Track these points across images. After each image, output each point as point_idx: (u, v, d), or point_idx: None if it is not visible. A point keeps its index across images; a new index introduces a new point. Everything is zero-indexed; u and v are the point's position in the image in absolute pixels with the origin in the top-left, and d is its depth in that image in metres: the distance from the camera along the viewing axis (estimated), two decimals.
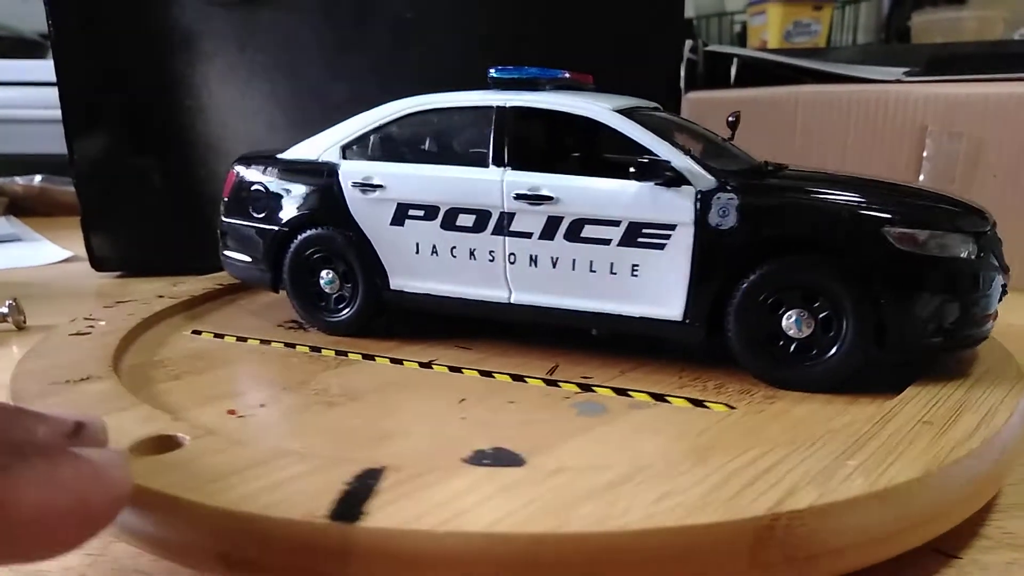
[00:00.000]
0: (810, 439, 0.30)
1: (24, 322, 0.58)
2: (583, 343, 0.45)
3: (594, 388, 0.40)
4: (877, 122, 0.76)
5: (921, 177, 0.75)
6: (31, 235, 0.99)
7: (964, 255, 0.38)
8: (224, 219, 0.52)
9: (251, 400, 0.38)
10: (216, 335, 0.49)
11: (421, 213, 0.45)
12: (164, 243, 0.77)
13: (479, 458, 0.32)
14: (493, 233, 0.43)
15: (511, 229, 0.43)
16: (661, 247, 0.40)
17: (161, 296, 0.54)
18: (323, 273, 0.49)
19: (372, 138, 0.48)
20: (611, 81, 0.48)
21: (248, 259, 0.51)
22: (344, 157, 0.48)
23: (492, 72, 0.45)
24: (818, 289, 0.38)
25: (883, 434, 0.31)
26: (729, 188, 0.39)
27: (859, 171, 0.49)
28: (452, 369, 0.43)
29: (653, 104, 0.48)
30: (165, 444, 0.30)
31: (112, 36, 0.73)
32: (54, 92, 0.73)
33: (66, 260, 0.87)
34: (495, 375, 0.42)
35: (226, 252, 0.53)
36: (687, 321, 0.40)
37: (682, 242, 0.39)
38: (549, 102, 0.44)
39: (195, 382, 0.41)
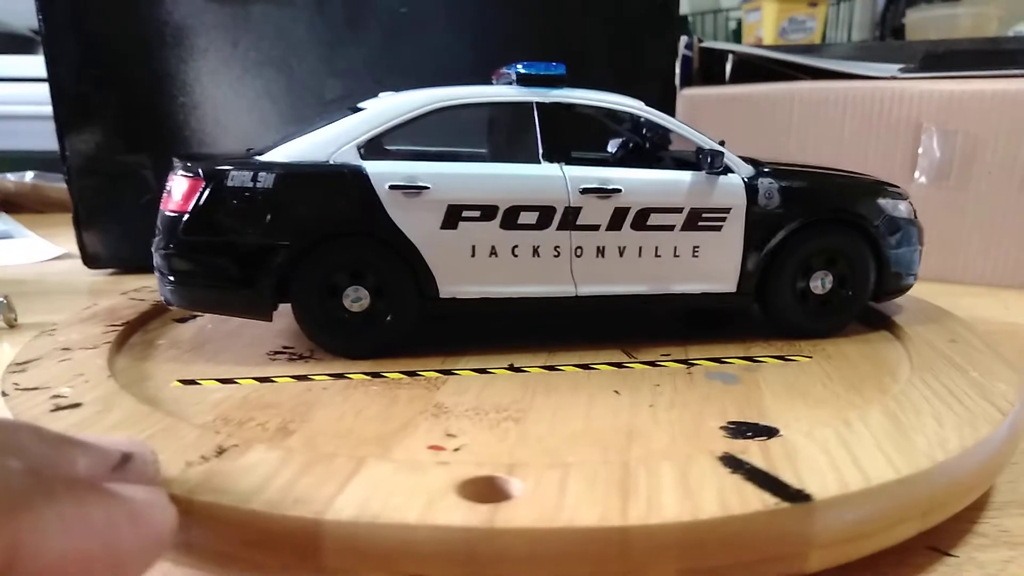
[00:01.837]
0: (919, 368, 0.39)
1: (16, 320, 0.58)
2: (603, 329, 0.48)
3: (692, 362, 0.43)
4: (872, 119, 0.76)
5: (916, 174, 0.75)
6: (23, 232, 0.99)
7: (912, 216, 0.49)
8: (185, 237, 0.41)
9: (427, 435, 0.33)
10: (221, 380, 0.40)
11: (477, 214, 0.42)
12: None
13: (740, 433, 0.34)
14: (559, 228, 0.43)
15: (578, 223, 0.43)
16: (719, 228, 0.45)
17: (67, 349, 0.41)
18: (349, 290, 0.43)
19: (395, 136, 0.45)
20: (606, 77, 0.48)
21: (233, 284, 0.42)
22: (363, 158, 0.43)
23: (519, 68, 0.45)
24: (841, 251, 0.47)
25: (957, 356, 0.40)
26: (766, 174, 0.45)
27: (856, 168, 0.51)
28: (548, 368, 0.42)
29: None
30: (491, 488, 0.26)
31: (103, 31, 0.72)
32: (46, 88, 0.72)
33: (58, 257, 0.86)
34: (594, 367, 0.42)
35: (186, 280, 0.42)
36: (739, 292, 0.46)
37: (736, 223, 0.45)
38: (590, 98, 0.45)
39: (317, 431, 0.34)
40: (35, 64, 0.93)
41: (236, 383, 0.40)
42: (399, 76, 0.73)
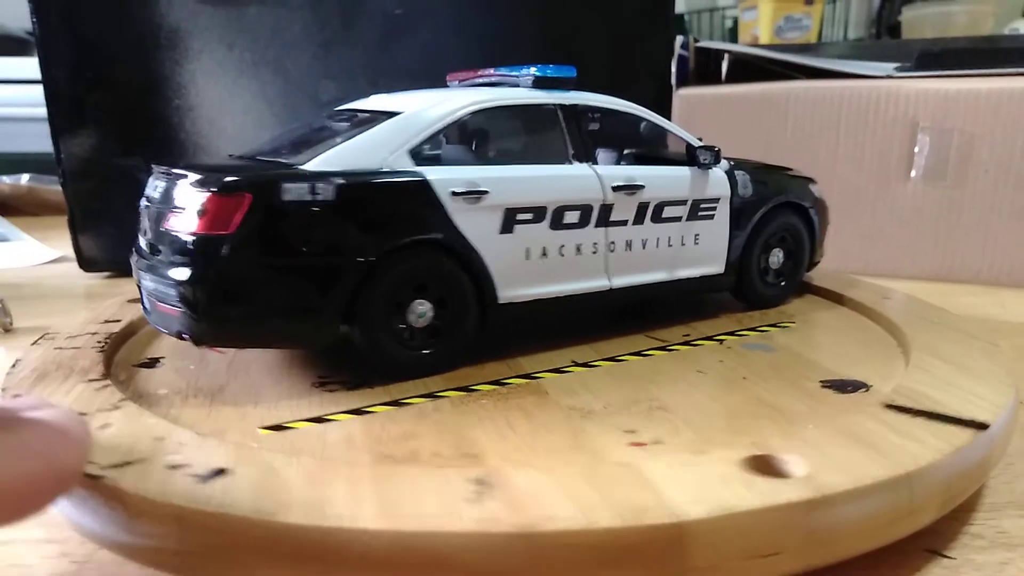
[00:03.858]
0: (903, 324, 0.45)
1: (11, 324, 0.58)
2: (603, 319, 0.50)
3: (718, 338, 0.47)
4: (868, 117, 0.76)
5: (913, 172, 0.75)
6: (18, 235, 0.98)
7: (823, 200, 0.57)
8: (232, 263, 0.36)
9: (608, 436, 0.33)
10: (312, 420, 0.35)
11: (530, 216, 0.42)
12: None
13: (842, 389, 0.38)
14: (596, 226, 0.45)
15: (611, 219, 0.45)
16: (712, 216, 0.50)
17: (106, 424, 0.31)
18: (416, 304, 0.40)
19: (439, 140, 0.43)
20: (602, 77, 0.48)
21: (295, 311, 0.37)
22: (416, 164, 0.40)
23: (535, 71, 0.45)
24: (791, 231, 0.54)
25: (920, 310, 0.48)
26: (739, 167, 0.51)
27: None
28: (611, 360, 0.43)
29: None
30: (769, 467, 0.27)
31: (98, 34, 0.72)
32: (40, 90, 0.72)
33: (54, 261, 0.86)
34: (648, 353, 0.44)
35: (229, 314, 0.36)
36: (726, 272, 0.51)
37: (723, 211, 0.50)
38: (598, 101, 0.47)
39: (500, 451, 0.32)
40: (30, 66, 0.93)
41: (331, 420, 0.35)
42: (394, 78, 0.73)
